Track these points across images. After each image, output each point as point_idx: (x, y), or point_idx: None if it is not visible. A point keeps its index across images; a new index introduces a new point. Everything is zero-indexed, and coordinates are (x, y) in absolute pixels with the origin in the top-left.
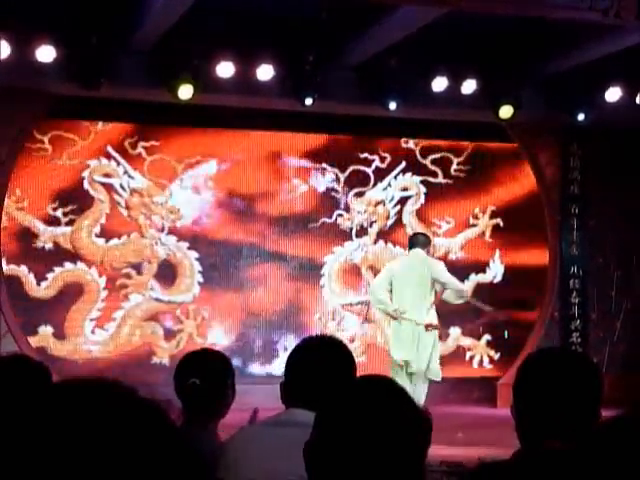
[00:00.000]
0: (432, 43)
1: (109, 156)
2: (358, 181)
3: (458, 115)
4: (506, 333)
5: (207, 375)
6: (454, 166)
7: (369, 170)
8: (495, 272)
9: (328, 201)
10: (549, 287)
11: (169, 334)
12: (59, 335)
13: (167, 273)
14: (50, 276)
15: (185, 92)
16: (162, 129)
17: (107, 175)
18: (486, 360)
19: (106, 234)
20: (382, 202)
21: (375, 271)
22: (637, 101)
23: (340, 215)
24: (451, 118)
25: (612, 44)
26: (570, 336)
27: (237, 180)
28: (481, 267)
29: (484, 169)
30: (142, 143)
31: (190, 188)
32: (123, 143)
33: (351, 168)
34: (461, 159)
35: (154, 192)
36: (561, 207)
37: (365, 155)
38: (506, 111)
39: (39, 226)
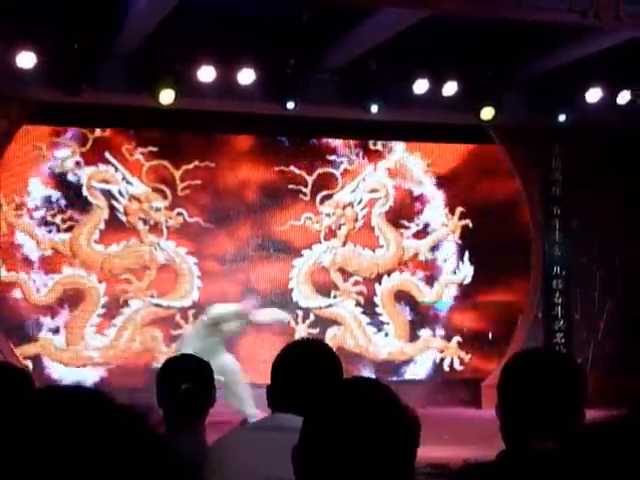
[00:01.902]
0: (413, 45)
1: (107, 162)
2: (326, 183)
3: (440, 117)
4: (490, 334)
5: (197, 379)
6: (422, 167)
7: (337, 172)
8: (465, 273)
9: (296, 204)
10: (532, 288)
11: (169, 339)
12: (60, 342)
13: (166, 278)
14: (50, 283)
15: (166, 97)
16: (160, 135)
17: (105, 181)
18: (457, 362)
19: (105, 240)
20: (350, 204)
21: (344, 274)
22: (617, 101)
23: (308, 218)
24: (433, 120)
25: (592, 45)
26: (554, 336)
27: (219, 185)
28: (451, 268)
29: (453, 170)
30: (140, 149)
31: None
32: (121, 149)
33: (319, 170)
34: (429, 161)
35: (152, 198)
36: (543, 208)
37: (333, 157)
38: (487, 113)
39: (38, 233)
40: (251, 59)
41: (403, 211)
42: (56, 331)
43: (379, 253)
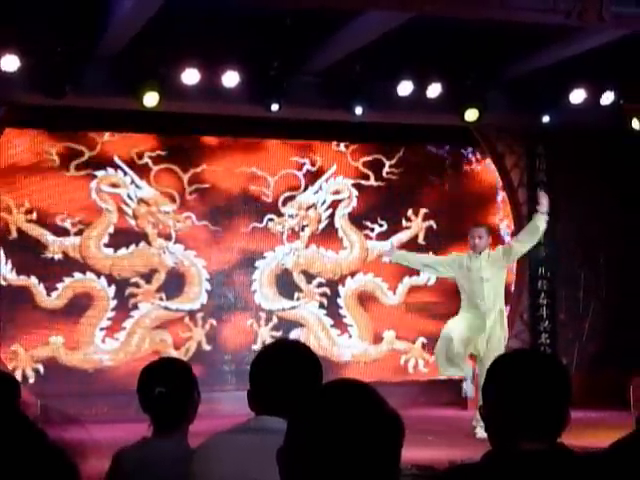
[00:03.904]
0: (397, 47)
1: (116, 166)
2: (289, 185)
3: (424, 119)
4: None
5: (173, 382)
6: (386, 168)
7: (300, 174)
8: (429, 275)
9: (258, 205)
10: (517, 289)
11: (178, 342)
12: (70, 345)
13: (175, 281)
14: (60, 286)
15: (150, 99)
16: (168, 139)
17: (114, 185)
18: (421, 363)
19: (114, 244)
20: (314, 206)
21: (307, 275)
22: (601, 102)
23: (271, 219)
24: (417, 122)
25: (576, 46)
26: (539, 337)
27: (226, 188)
28: (415, 270)
29: (416, 171)
30: (148, 153)
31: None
32: (129, 153)
33: (282, 172)
34: (393, 161)
35: (161, 201)
36: (528, 209)
37: (296, 159)
38: (472, 114)
39: (48, 237)
40: (235, 61)
41: None
42: (67, 334)
43: (343, 255)
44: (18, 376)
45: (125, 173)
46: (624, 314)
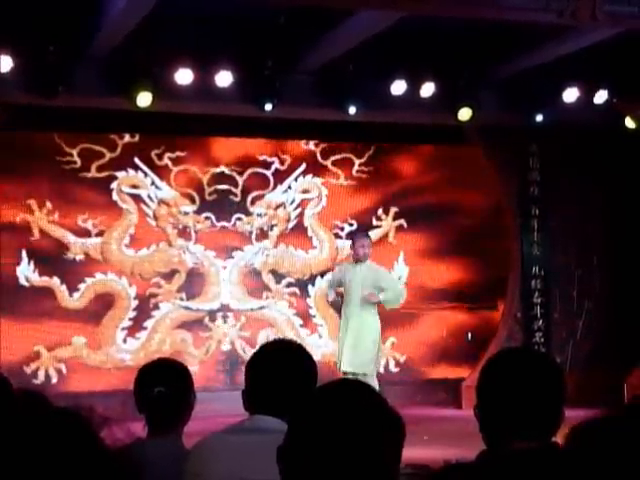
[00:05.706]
0: (390, 47)
1: (136, 167)
2: (257, 184)
3: (417, 118)
4: (469, 335)
5: (171, 382)
6: (356, 167)
7: (268, 172)
8: (400, 274)
9: (227, 205)
10: (511, 288)
11: (198, 342)
12: (92, 345)
13: (195, 282)
14: (82, 287)
15: (144, 99)
16: (188, 140)
17: (135, 186)
18: (392, 363)
19: (135, 244)
20: (282, 205)
21: (276, 275)
22: (595, 101)
23: (239, 219)
24: (411, 121)
25: (569, 45)
26: (533, 336)
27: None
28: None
29: (386, 169)
30: (168, 154)
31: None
32: (150, 154)
33: (250, 171)
34: (362, 160)
35: (181, 202)
36: (521, 208)
37: (264, 157)
38: (465, 113)
39: (70, 238)
40: (228, 61)
41: None
42: (89, 334)
43: (312, 254)
44: (41, 376)
45: (145, 174)
46: (618, 313)
